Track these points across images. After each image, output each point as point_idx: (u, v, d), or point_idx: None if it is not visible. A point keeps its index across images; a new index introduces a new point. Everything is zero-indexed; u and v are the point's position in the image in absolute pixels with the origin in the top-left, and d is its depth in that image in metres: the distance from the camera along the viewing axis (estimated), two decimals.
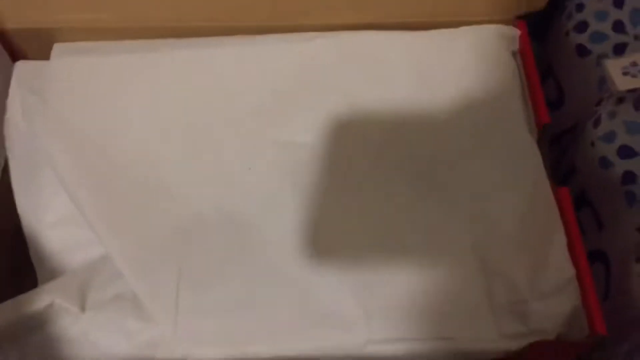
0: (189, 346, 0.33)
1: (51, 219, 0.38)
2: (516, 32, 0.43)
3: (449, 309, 0.33)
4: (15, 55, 0.43)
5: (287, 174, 0.38)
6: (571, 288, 0.33)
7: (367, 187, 0.37)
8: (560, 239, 0.35)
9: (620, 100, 0.38)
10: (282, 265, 0.35)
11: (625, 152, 0.37)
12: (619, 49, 0.40)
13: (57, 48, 0.41)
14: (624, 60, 0.37)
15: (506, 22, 0.44)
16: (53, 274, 0.37)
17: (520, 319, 0.33)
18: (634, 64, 0.37)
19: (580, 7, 0.42)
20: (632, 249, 0.35)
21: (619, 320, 0.34)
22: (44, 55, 0.41)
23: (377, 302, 0.34)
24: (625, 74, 0.36)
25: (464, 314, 0.34)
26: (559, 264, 0.34)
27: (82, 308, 0.34)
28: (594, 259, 0.39)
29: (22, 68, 0.41)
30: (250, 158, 0.39)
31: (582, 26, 0.42)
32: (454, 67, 0.41)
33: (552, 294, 0.33)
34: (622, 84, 0.36)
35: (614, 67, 0.37)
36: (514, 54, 0.43)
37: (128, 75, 0.41)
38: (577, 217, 0.39)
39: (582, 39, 0.42)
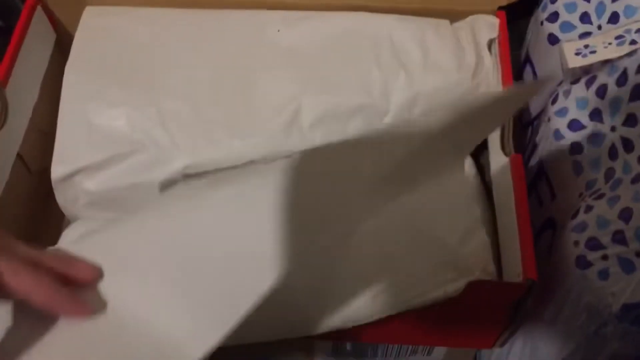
0: None
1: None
2: (496, 20, 0.47)
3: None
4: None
5: None
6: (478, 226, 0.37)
7: None
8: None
9: (576, 80, 0.41)
10: None
11: (575, 125, 0.40)
12: (584, 38, 0.44)
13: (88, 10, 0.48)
14: (579, 43, 0.41)
15: (490, 12, 0.49)
16: None
17: (449, 266, 0.37)
18: (587, 46, 0.40)
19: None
20: (572, 210, 0.38)
21: (555, 271, 0.38)
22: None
23: None
24: (577, 54, 0.40)
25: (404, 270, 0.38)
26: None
27: None
28: (546, 226, 0.42)
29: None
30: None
31: (554, 16, 0.46)
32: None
33: (467, 236, 0.37)
34: (573, 61, 0.39)
35: (569, 48, 0.40)
36: (492, 41, 0.47)
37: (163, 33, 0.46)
38: (535, 188, 0.43)
39: (553, 28, 0.45)
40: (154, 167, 0.42)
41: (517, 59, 0.51)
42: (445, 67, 0.45)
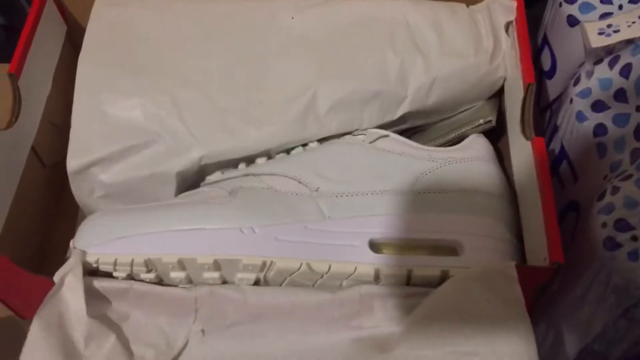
0: None
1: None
2: (513, 3, 0.47)
3: None
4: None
5: None
6: None
7: None
8: None
9: (599, 61, 0.41)
10: None
11: (598, 106, 0.40)
12: (604, 18, 0.43)
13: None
14: (602, 23, 0.40)
15: None
16: None
17: None
18: (610, 26, 0.40)
19: None
20: (597, 192, 0.38)
21: (581, 254, 0.37)
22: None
23: None
24: (600, 33, 0.39)
25: None
26: None
27: None
28: (569, 209, 0.42)
29: None
30: None
31: None
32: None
33: None
34: (596, 41, 0.39)
35: (591, 28, 0.40)
36: (509, 24, 0.47)
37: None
38: (557, 171, 0.42)
39: (572, 9, 0.45)
40: (170, 157, 0.42)
41: (534, 42, 0.51)
42: (463, 51, 0.44)
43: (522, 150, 0.41)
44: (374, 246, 0.38)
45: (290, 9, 0.46)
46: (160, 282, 0.38)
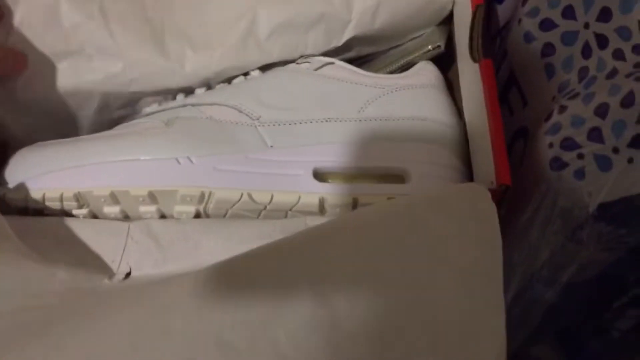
0: None
1: None
2: None
3: None
4: None
5: None
6: None
7: None
8: None
9: None
10: None
11: (547, 24, 0.38)
12: None
13: None
14: None
15: None
16: None
17: None
18: None
19: None
20: (545, 115, 0.37)
21: (529, 176, 0.36)
22: None
23: None
24: None
25: None
26: None
27: None
28: (518, 135, 0.41)
29: None
30: None
31: None
32: None
33: None
34: None
35: None
36: None
37: None
38: (506, 97, 0.41)
39: None
40: (95, 72, 0.39)
41: None
42: None
43: (470, 73, 0.39)
44: (319, 175, 0.37)
45: None
46: (94, 217, 0.37)
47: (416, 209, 0.29)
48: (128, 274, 0.34)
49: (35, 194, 0.35)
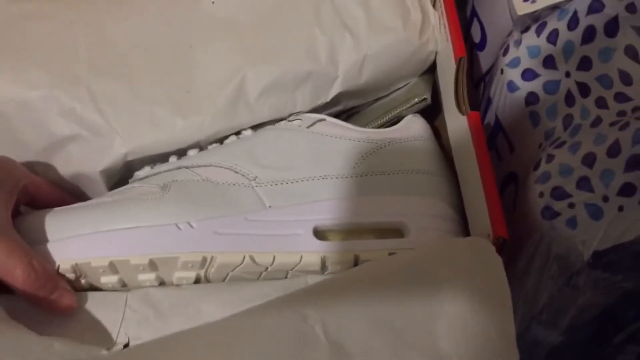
0: None
1: None
2: None
3: None
4: None
5: None
6: None
7: None
8: None
9: (526, 29, 0.40)
10: None
11: (528, 74, 0.39)
12: None
13: None
14: None
15: None
16: None
17: None
18: None
19: None
20: (533, 162, 0.37)
21: (522, 225, 0.37)
22: None
23: None
24: (525, 0, 0.39)
25: None
26: None
27: None
28: (508, 181, 0.41)
29: None
30: None
31: None
32: None
33: None
34: (522, 9, 0.38)
35: None
36: None
37: None
38: (494, 143, 0.42)
39: None
40: (92, 155, 0.40)
41: (463, 15, 0.50)
42: (391, 26, 0.43)
43: (458, 126, 0.40)
44: (319, 233, 0.37)
45: None
46: (90, 288, 0.36)
47: (424, 264, 0.29)
48: (126, 345, 0.33)
49: None
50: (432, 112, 0.45)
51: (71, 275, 0.35)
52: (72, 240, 0.35)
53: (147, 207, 0.36)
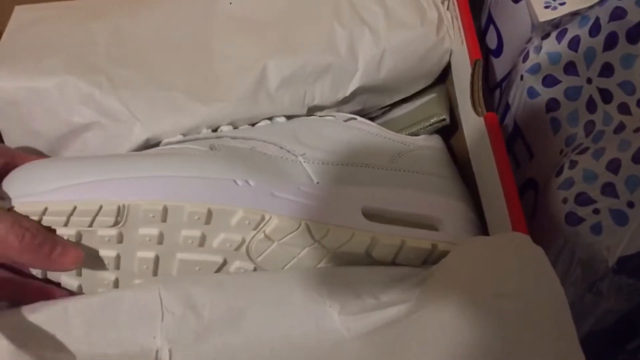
0: None
1: None
2: None
3: None
4: None
5: None
6: None
7: None
8: None
9: (546, 35, 0.40)
10: None
11: (549, 81, 0.39)
12: None
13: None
14: None
15: None
16: None
17: None
18: None
19: None
20: (555, 169, 0.37)
21: (544, 231, 0.37)
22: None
23: None
24: (546, 7, 0.39)
25: None
26: None
27: None
28: (527, 187, 0.41)
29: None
30: None
31: None
32: None
33: None
34: (543, 15, 0.38)
35: (537, 2, 0.39)
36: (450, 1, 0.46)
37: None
38: (512, 149, 0.42)
39: None
40: (112, 141, 0.39)
41: (479, 22, 0.50)
42: (409, 22, 0.43)
43: (475, 128, 0.40)
44: (366, 215, 0.36)
45: None
46: (119, 241, 0.33)
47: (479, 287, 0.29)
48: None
49: (60, 206, 0.30)
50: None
51: (110, 219, 0.31)
52: (121, 182, 0.31)
53: (202, 160, 0.33)
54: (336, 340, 0.30)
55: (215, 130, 0.40)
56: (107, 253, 0.33)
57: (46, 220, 0.31)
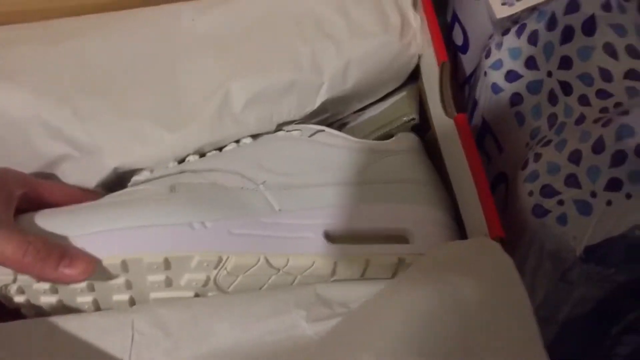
0: None
1: None
2: None
3: None
4: None
5: None
6: None
7: None
8: None
9: (506, 31, 0.41)
10: None
11: (511, 76, 0.40)
12: None
13: None
14: None
15: None
16: None
17: None
18: None
19: None
20: (521, 161, 0.38)
21: (514, 224, 0.37)
22: None
23: None
24: (504, 4, 0.39)
25: None
26: None
27: None
28: (498, 181, 0.42)
29: None
30: None
31: None
32: None
33: None
34: (500, 12, 0.39)
35: (494, 0, 0.40)
36: (416, 1, 0.46)
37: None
38: (482, 144, 0.43)
39: None
40: (83, 172, 0.39)
41: (445, 19, 0.51)
42: (371, 30, 0.43)
43: (446, 129, 0.41)
44: (329, 238, 0.36)
45: (189, 11, 0.44)
46: (91, 290, 0.34)
47: (443, 275, 0.29)
48: None
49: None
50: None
51: None
52: (81, 238, 0.33)
53: (159, 206, 0.34)
54: (307, 344, 0.30)
55: (181, 161, 0.40)
56: (84, 299, 0.35)
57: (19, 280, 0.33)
